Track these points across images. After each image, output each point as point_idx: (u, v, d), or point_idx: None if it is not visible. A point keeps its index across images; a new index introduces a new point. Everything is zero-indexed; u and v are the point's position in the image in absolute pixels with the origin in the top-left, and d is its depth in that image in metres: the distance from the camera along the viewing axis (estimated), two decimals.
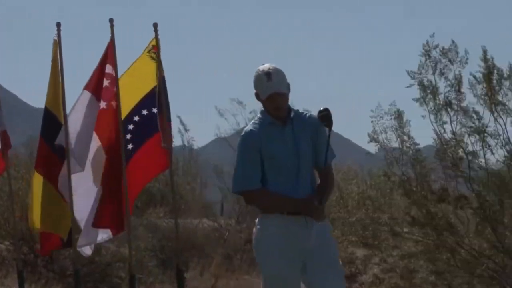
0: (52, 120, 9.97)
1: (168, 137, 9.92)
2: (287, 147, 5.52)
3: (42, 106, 10.32)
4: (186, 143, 19.06)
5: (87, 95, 9.95)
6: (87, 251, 10.15)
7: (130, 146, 9.99)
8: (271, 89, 5.33)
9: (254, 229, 5.49)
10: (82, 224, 9.95)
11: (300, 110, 5.73)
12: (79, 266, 10.50)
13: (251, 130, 5.59)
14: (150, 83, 10.03)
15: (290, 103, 5.71)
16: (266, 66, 5.62)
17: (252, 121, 5.65)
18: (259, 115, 5.52)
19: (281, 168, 5.49)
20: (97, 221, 9.87)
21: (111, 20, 10.22)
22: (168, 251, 14.92)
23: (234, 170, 5.55)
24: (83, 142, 9.94)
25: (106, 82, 10.08)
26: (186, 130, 21.12)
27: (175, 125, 17.12)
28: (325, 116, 5.51)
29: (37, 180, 9.96)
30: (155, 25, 10.08)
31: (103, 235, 9.97)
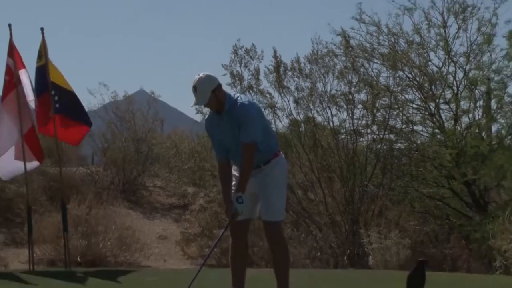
0: None
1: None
2: (223, 131, 6.39)
3: None
4: None
5: None
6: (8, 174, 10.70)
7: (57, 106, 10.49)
8: (196, 103, 6.33)
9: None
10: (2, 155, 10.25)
11: (235, 98, 6.36)
12: None
13: (206, 118, 6.80)
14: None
15: None
16: (195, 78, 6.31)
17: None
18: None
19: (223, 145, 6.44)
20: (26, 156, 10.26)
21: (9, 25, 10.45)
22: (55, 190, 15.41)
23: None
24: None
25: (6, 77, 10.41)
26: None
27: None
28: None
29: None
30: (42, 29, 10.48)
31: (32, 164, 10.43)
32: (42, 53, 10.49)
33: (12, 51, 10.31)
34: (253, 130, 6.18)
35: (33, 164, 10.41)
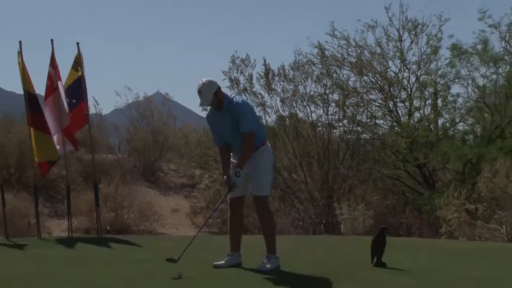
0: (33, 98, 9.79)
1: (87, 108, 10.27)
2: (221, 124, 6.39)
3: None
4: (97, 112, 20.05)
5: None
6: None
7: (74, 101, 10.03)
8: (201, 104, 6.36)
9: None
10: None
11: (231, 97, 6.36)
12: (36, 181, 10.45)
13: (207, 113, 6.61)
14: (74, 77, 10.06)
15: None
16: (199, 83, 6.29)
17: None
18: None
19: (221, 135, 6.42)
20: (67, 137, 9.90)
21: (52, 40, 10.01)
22: (89, 173, 15.36)
23: None
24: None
25: (47, 82, 9.98)
26: (97, 104, 23.29)
27: (90, 102, 17.35)
28: None
29: (31, 133, 9.79)
30: (78, 44, 10.03)
31: (69, 147, 10.00)
32: (79, 65, 10.07)
33: (53, 63, 9.95)
34: (248, 122, 6.21)
35: (70, 147, 10.03)
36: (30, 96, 9.77)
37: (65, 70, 10.01)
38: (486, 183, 11.65)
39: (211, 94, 6.19)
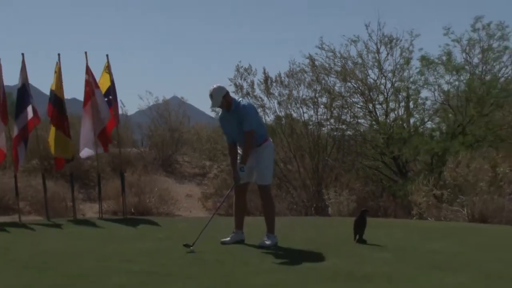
0: (59, 101, 9.70)
1: (116, 109, 10.15)
2: (230, 123, 6.43)
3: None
4: (123, 112, 19.36)
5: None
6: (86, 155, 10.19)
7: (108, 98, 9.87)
8: (212, 105, 6.84)
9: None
10: (84, 144, 9.89)
11: (238, 100, 6.47)
12: (72, 171, 10.50)
13: (219, 115, 6.71)
14: (108, 83, 9.93)
15: None
16: (211, 88, 6.34)
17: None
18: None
19: (230, 133, 6.48)
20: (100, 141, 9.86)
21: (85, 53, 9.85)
22: (116, 164, 14.97)
23: None
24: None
25: (86, 88, 9.84)
26: (124, 106, 22.98)
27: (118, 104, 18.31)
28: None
29: (52, 130, 9.80)
30: (107, 56, 9.92)
31: (100, 150, 9.98)
32: (109, 73, 9.89)
33: (89, 72, 9.75)
34: (250, 122, 6.23)
35: (100, 150, 10.00)
36: (57, 98, 9.64)
37: (96, 78, 9.87)
38: (450, 172, 11.70)
39: (220, 97, 6.25)
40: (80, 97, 10.02)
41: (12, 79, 10.31)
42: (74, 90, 10.34)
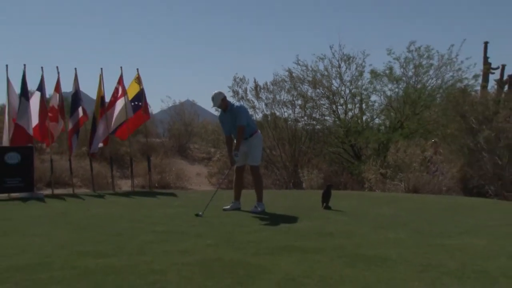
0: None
1: (147, 109, 10.00)
2: (226, 121, 6.33)
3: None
4: (150, 111, 19.36)
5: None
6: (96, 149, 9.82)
7: (136, 103, 9.67)
8: (213, 105, 6.37)
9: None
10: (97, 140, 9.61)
11: (232, 103, 6.34)
12: (111, 155, 10.66)
13: (219, 115, 6.50)
14: (136, 89, 9.78)
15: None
16: (213, 93, 6.26)
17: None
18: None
19: (227, 127, 6.36)
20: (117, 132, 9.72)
21: (121, 68, 9.84)
22: (144, 150, 14.56)
23: None
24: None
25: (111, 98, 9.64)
26: (150, 106, 22.39)
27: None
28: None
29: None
30: (137, 69, 9.76)
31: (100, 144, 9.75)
32: (139, 82, 9.70)
33: (120, 81, 9.66)
34: (242, 119, 6.16)
35: (101, 144, 9.72)
36: (102, 101, 9.53)
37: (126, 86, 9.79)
38: (392, 156, 11.75)
39: (219, 99, 6.20)
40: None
41: (68, 87, 10.29)
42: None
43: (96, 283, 3.14)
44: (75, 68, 9.74)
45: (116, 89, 9.68)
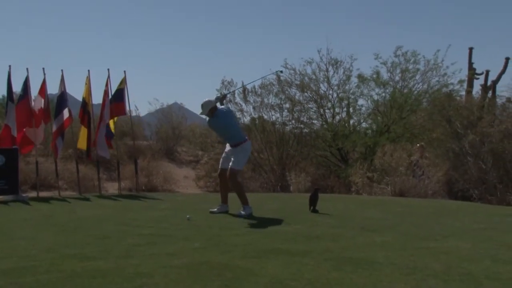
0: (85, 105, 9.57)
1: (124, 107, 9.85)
2: (215, 124, 6.34)
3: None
4: (137, 114, 19.62)
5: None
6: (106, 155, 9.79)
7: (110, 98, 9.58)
8: (201, 113, 6.20)
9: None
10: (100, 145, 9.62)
11: (220, 107, 6.31)
12: (98, 158, 9.98)
13: (208, 119, 6.36)
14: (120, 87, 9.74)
15: None
16: (202, 101, 6.23)
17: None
18: None
19: (220, 134, 6.62)
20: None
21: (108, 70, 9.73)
22: (131, 152, 14.44)
23: None
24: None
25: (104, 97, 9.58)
26: (137, 109, 22.66)
27: (133, 107, 18.67)
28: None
29: (81, 128, 9.73)
30: (125, 71, 9.69)
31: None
32: (124, 83, 9.78)
33: (108, 83, 9.58)
34: (228, 120, 6.22)
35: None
36: (85, 104, 9.50)
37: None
38: (379, 159, 11.79)
39: (208, 109, 6.18)
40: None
41: (53, 89, 10.21)
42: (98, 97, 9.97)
43: (82, 287, 3.12)
44: (62, 70, 9.67)
45: (105, 92, 9.67)
